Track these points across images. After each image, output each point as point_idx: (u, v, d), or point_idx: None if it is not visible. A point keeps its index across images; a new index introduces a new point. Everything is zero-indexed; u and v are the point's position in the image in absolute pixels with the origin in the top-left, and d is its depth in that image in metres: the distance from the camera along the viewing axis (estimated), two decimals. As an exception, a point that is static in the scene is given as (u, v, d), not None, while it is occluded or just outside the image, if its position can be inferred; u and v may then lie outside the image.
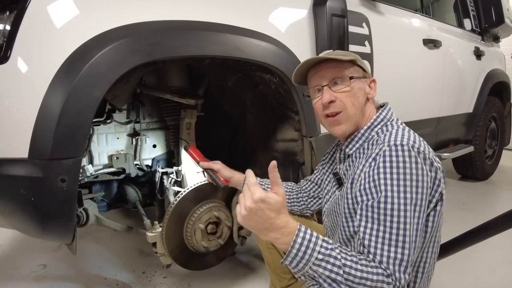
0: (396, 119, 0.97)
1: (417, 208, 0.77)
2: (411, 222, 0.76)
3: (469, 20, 3.04)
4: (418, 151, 0.79)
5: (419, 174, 0.77)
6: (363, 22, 1.76)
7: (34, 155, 0.94)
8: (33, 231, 1.05)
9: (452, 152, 2.70)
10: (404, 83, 2.13)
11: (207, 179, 1.37)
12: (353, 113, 0.94)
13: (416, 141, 0.83)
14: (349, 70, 0.94)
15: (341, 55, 0.93)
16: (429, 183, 0.80)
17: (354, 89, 0.93)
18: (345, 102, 0.93)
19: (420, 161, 0.78)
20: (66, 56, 0.95)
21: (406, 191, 0.76)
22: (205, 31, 1.15)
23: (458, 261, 1.42)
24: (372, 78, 0.99)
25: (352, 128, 0.96)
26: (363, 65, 0.96)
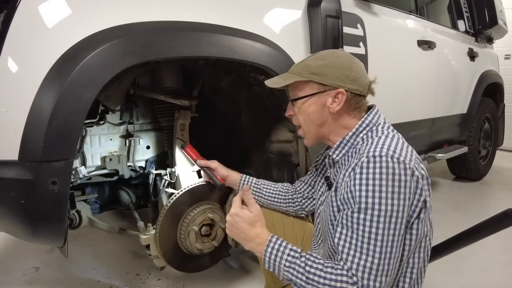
0: (383, 123, 0.94)
1: (392, 219, 0.77)
2: (384, 234, 0.77)
3: (463, 22, 3.06)
4: (398, 161, 0.78)
5: (396, 186, 0.77)
6: (358, 23, 1.76)
7: (24, 157, 0.93)
8: (24, 234, 1.04)
9: (447, 152, 2.72)
10: (398, 84, 2.14)
11: (204, 178, 1.36)
12: (308, 129, 0.98)
13: (397, 150, 0.80)
14: (301, 90, 0.95)
15: (297, 73, 0.94)
16: (409, 194, 0.78)
17: (304, 107, 0.95)
18: (299, 119, 0.98)
19: (399, 172, 0.77)
20: (57, 57, 0.94)
21: (381, 203, 0.77)
22: (199, 32, 1.14)
23: (452, 262, 1.43)
24: (338, 90, 0.91)
25: (316, 141, 1.00)
26: (321, 80, 0.92)
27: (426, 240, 0.89)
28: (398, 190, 0.77)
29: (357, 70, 0.92)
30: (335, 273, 0.77)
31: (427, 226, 0.87)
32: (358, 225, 0.78)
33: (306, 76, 0.93)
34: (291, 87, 0.99)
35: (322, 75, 0.92)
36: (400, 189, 0.77)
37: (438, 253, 1.24)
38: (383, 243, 0.76)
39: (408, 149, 0.83)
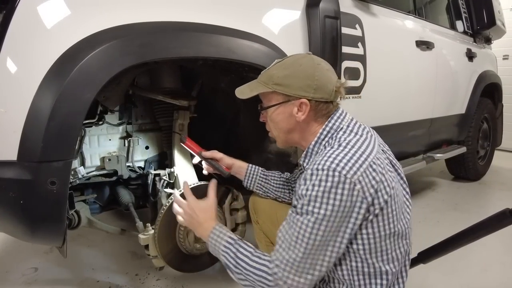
0: (346, 126, 0.94)
1: (321, 227, 0.80)
2: (311, 238, 0.80)
3: (461, 22, 3.06)
4: (339, 174, 0.79)
5: (331, 198, 0.79)
6: (356, 24, 1.76)
7: (23, 157, 0.93)
8: (22, 234, 1.04)
9: (445, 153, 2.72)
10: (397, 85, 2.14)
11: (207, 170, 1.34)
12: (276, 135, 1.03)
13: (342, 162, 0.80)
14: (268, 99, 0.99)
15: (263, 83, 0.97)
16: (344, 206, 0.80)
17: (272, 116, 0.99)
18: (270, 125, 1.04)
19: (336, 185, 0.79)
20: (56, 57, 0.94)
21: (313, 212, 0.80)
22: (197, 32, 1.14)
23: (450, 261, 1.43)
24: (301, 101, 0.92)
25: (287, 145, 1.05)
26: (284, 91, 0.94)
27: (395, 244, 0.90)
28: (332, 202, 0.79)
29: (321, 77, 0.92)
30: (260, 262, 0.86)
31: (386, 227, 0.87)
32: (293, 223, 0.83)
33: (270, 87, 0.95)
34: (261, 96, 1.02)
35: (285, 85, 0.93)
36: (334, 201, 0.79)
37: (436, 252, 1.25)
38: (307, 246, 0.81)
39: (360, 158, 0.82)
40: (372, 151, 0.86)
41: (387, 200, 0.84)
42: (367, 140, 0.90)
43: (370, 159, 0.83)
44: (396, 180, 0.93)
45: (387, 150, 1.01)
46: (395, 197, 0.87)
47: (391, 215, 0.87)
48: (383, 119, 2.07)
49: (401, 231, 0.90)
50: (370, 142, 0.89)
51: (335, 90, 0.94)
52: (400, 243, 0.92)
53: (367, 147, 0.87)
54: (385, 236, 0.87)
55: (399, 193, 0.93)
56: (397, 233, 0.89)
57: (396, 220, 0.88)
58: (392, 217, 0.87)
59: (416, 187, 3.24)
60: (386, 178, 0.85)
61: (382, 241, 0.87)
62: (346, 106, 1.73)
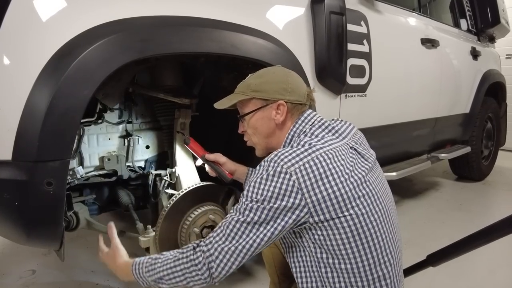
0: (309, 128, 0.96)
1: (255, 210, 0.83)
2: (242, 219, 0.84)
3: (465, 20, 3.03)
4: (277, 165, 0.83)
5: (267, 184, 0.83)
6: (362, 21, 1.73)
7: (18, 157, 0.89)
8: (18, 237, 1.00)
9: (450, 152, 2.69)
10: (402, 83, 2.11)
11: (210, 173, 1.31)
12: (257, 141, 1.06)
13: (283, 155, 0.84)
14: (247, 107, 1.03)
15: (241, 93, 1.02)
16: (278, 194, 0.82)
17: (251, 122, 1.03)
18: (249, 133, 1.06)
19: (273, 173, 0.82)
20: (52, 52, 0.90)
21: (252, 197, 0.84)
22: (200, 27, 1.10)
23: (457, 263, 1.39)
24: (279, 103, 0.98)
25: (266, 151, 1.06)
26: (262, 96, 0.99)
27: (376, 250, 0.87)
28: (267, 188, 0.82)
29: (293, 82, 1.01)
30: (181, 252, 0.88)
31: (365, 237, 0.85)
32: (233, 210, 0.87)
33: (249, 94, 1.01)
34: (239, 106, 1.06)
35: (263, 91, 0.99)
36: (269, 187, 0.82)
37: (446, 255, 1.21)
38: (233, 227, 0.84)
39: (303, 153, 0.84)
40: (322, 148, 0.87)
41: (330, 194, 0.82)
42: (324, 140, 0.91)
43: (314, 154, 0.85)
44: (359, 172, 0.89)
45: (362, 150, 0.98)
46: (345, 192, 0.84)
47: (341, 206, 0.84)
48: (389, 118, 2.03)
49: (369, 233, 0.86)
50: (327, 142, 0.90)
51: (307, 94, 1.02)
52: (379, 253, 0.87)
53: (318, 145, 0.88)
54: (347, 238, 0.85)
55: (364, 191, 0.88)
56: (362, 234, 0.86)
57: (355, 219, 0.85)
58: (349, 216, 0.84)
59: (419, 187, 3.21)
60: (335, 172, 0.84)
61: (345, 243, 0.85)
62: (351, 105, 1.74)
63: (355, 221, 0.85)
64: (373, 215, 0.87)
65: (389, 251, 0.90)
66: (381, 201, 0.91)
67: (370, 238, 0.86)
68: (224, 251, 0.83)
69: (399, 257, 0.96)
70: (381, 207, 0.90)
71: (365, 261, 0.86)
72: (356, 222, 0.85)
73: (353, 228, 0.85)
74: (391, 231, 0.92)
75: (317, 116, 1.01)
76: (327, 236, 0.85)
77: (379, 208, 0.89)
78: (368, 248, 0.86)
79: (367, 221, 0.86)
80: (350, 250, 0.86)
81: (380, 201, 0.91)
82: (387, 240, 0.90)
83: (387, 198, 0.96)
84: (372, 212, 0.87)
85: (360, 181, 0.88)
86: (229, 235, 0.84)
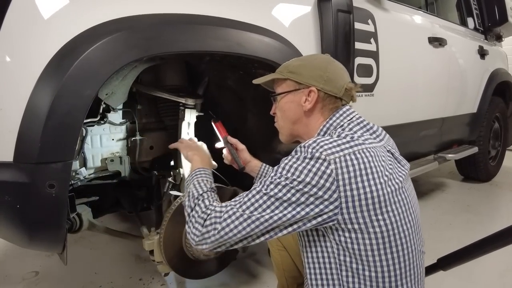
0: (347, 123, 0.90)
1: (282, 189, 0.78)
2: (254, 195, 0.80)
3: (473, 19, 2.99)
4: (316, 151, 0.79)
5: (300, 167, 0.78)
6: (369, 19, 1.70)
7: (19, 159, 0.87)
8: (20, 240, 0.98)
9: (457, 153, 2.65)
10: (409, 82, 2.08)
11: (226, 157, 1.28)
12: (282, 125, 1.03)
13: (323, 142, 0.80)
14: (280, 87, 1.00)
15: (278, 72, 1.00)
16: (311, 179, 0.77)
17: (281, 103, 1.00)
18: (278, 115, 1.03)
19: (310, 158, 0.78)
20: (55, 51, 0.88)
21: (282, 175, 0.79)
22: (205, 25, 1.08)
23: (467, 266, 1.36)
24: (310, 89, 0.93)
25: (290, 138, 1.04)
26: (296, 78, 0.96)
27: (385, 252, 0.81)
28: (301, 170, 0.77)
29: (333, 71, 0.95)
30: (210, 201, 0.88)
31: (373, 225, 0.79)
32: (259, 183, 0.83)
33: (284, 74, 0.98)
34: (275, 85, 1.03)
35: (298, 73, 0.96)
36: (303, 170, 0.77)
37: (458, 259, 1.18)
38: (252, 196, 0.81)
39: (344, 144, 0.80)
40: (364, 144, 0.82)
41: (367, 194, 0.77)
42: (364, 137, 0.86)
43: (357, 148, 0.80)
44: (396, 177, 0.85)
45: (398, 156, 0.94)
46: (383, 194, 0.79)
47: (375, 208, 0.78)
48: (396, 118, 2.00)
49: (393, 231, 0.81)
50: (368, 139, 0.85)
51: (346, 88, 0.94)
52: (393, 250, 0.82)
53: (360, 140, 0.83)
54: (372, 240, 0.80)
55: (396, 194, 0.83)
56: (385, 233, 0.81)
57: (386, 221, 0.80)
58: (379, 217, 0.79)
59: (425, 188, 3.17)
60: (375, 171, 0.79)
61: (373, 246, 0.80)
62: (358, 104, 1.69)
63: (388, 227, 0.80)
64: (406, 224, 0.83)
65: (415, 264, 0.85)
66: (413, 211, 0.86)
67: (400, 248, 0.81)
68: (234, 216, 0.79)
69: (423, 273, 0.91)
70: (413, 218, 0.86)
71: (392, 271, 0.81)
72: (389, 228, 0.80)
73: (385, 234, 0.80)
74: (419, 244, 0.87)
75: (355, 113, 0.94)
76: (355, 239, 0.80)
77: (411, 218, 0.85)
78: (397, 258, 0.81)
79: (400, 229, 0.81)
80: (378, 258, 0.80)
81: (412, 211, 0.86)
82: (414, 253, 0.85)
83: (417, 209, 0.91)
84: (406, 221, 0.83)
85: (398, 186, 0.83)
86: (245, 203, 0.80)
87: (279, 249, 1.26)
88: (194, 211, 0.86)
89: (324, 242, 0.85)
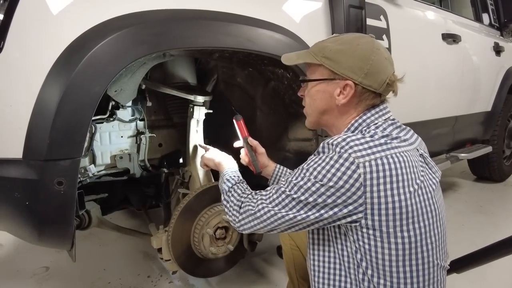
0: (382, 122, 0.83)
1: (305, 190, 0.76)
2: (280, 195, 0.80)
3: (488, 15, 2.91)
4: (345, 152, 0.74)
5: (326, 168, 0.74)
6: (381, 15, 1.66)
7: (28, 155, 0.87)
8: (29, 236, 0.98)
9: (470, 152, 2.58)
10: (422, 80, 2.03)
11: (243, 158, 1.22)
12: (309, 113, 0.95)
13: (353, 142, 0.75)
14: (312, 72, 0.90)
15: (312, 53, 0.88)
16: (336, 183, 0.73)
17: (311, 91, 0.91)
18: (306, 100, 0.95)
19: (337, 159, 0.74)
20: (63, 47, 0.87)
21: (306, 176, 0.77)
22: (215, 21, 1.06)
23: (479, 268, 1.33)
24: (347, 82, 0.82)
25: (316, 126, 0.97)
26: (332, 67, 0.84)
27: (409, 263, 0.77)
28: (325, 172, 0.74)
29: (376, 63, 0.81)
30: (246, 193, 0.92)
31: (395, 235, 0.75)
32: (285, 181, 0.82)
33: (319, 59, 0.86)
34: (307, 66, 0.93)
35: (335, 61, 0.83)
36: (328, 172, 0.74)
37: (472, 262, 1.15)
38: (278, 196, 0.81)
39: (376, 147, 0.75)
40: (398, 148, 0.77)
41: (395, 203, 0.73)
42: (398, 140, 0.79)
43: (389, 152, 0.75)
44: (427, 185, 0.81)
45: (430, 162, 0.89)
46: (411, 204, 0.75)
47: (402, 218, 0.74)
48: (407, 117, 1.96)
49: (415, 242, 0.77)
50: (402, 142, 0.79)
51: (387, 83, 0.82)
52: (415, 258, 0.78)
53: (394, 143, 0.77)
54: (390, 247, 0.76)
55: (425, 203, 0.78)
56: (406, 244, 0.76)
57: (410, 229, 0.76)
58: (402, 224, 0.75)
59: (437, 188, 3.10)
60: (406, 178, 0.75)
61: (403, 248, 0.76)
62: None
63: (411, 239, 0.75)
64: (431, 237, 0.78)
65: (434, 280, 0.80)
66: (441, 224, 0.82)
67: (421, 262, 0.77)
68: (263, 211, 0.82)
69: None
70: (439, 231, 0.81)
71: (409, 284, 0.77)
72: (413, 241, 0.76)
73: (407, 247, 0.75)
74: (442, 259, 0.83)
75: (390, 113, 0.87)
76: (374, 247, 0.76)
77: (438, 231, 0.80)
78: (416, 272, 0.77)
79: (423, 242, 0.77)
80: (396, 269, 0.76)
81: (440, 224, 0.81)
82: (436, 268, 0.80)
83: (445, 221, 0.86)
84: (431, 234, 0.79)
85: (428, 196, 0.78)
86: (274, 200, 0.82)
87: (291, 247, 1.24)
88: (231, 202, 0.92)
89: (345, 241, 0.81)
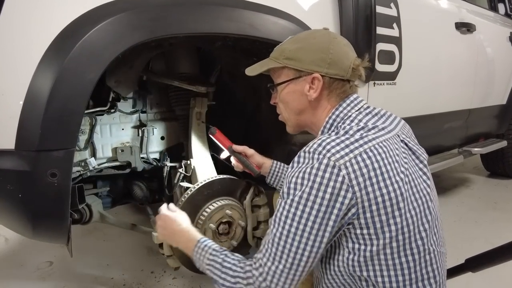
0: (356, 114, 0.83)
1: (300, 211, 0.71)
2: (287, 221, 0.73)
3: (504, 4, 2.82)
4: (324, 157, 0.72)
5: (310, 180, 0.71)
6: (391, 3, 1.60)
7: (21, 146, 0.83)
8: (24, 230, 0.95)
9: (484, 147, 2.50)
10: (434, 71, 1.96)
11: (236, 166, 1.23)
12: (286, 117, 0.94)
13: (329, 145, 0.73)
14: (278, 76, 0.90)
15: (274, 59, 0.89)
16: (324, 192, 0.70)
17: (282, 95, 0.91)
18: (279, 106, 0.94)
19: (318, 167, 0.71)
20: (56, 33, 0.84)
21: (295, 194, 0.73)
22: (217, 5, 1.01)
23: (495, 267, 1.27)
24: (314, 76, 0.83)
25: (298, 129, 0.96)
26: (295, 66, 0.85)
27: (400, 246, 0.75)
28: (311, 184, 0.71)
29: (336, 51, 0.83)
30: (242, 264, 0.79)
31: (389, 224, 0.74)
32: (277, 207, 0.77)
33: (281, 62, 0.87)
34: (271, 73, 0.93)
35: (297, 59, 0.85)
36: (314, 183, 0.71)
37: (488, 261, 1.09)
38: (284, 230, 0.73)
39: (353, 144, 0.73)
40: (376, 139, 0.76)
41: (384, 195, 0.72)
42: (376, 129, 0.79)
43: (367, 146, 0.74)
44: (413, 172, 0.80)
45: (413, 146, 0.87)
46: (401, 193, 0.74)
47: (393, 209, 0.73)
48: (419, 109, 1.89)
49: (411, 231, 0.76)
50: (379, 131, 0.79)
51: (353, 68, 0.84)
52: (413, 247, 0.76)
53: (370, 134, 0.76)
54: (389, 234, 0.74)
55: (414, 190, 0.78)
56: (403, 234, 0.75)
57: (402, 217, 0.74)
58: (394, 212, 0.73)
59: (448, 184, 3.03)
60: (390, 168, 0.73)
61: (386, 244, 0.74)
62: (379, 94, 1.61)
63: (404, 229, 0.74)
64: (423, 224, 0.77)
65: (435, 267, 0.79)
66: (432, 209, 0.81)
67: (416, 250, 0.76)
68: (278, 274, 0.73)
69: (444, 275, 0.84)
70: (432, 216, 0.80)
71: (407, 275, 0.76)
72: (405, 231, 0.74)
73: (400, 237, 0.74)
74: (438, 245, 0.81)
75: (363, 102, 0.87)
76: (369, 246, 0.75)
77: (429, 218, 0.79)
78: (413, 262, 0.76)
79: (416, 230, 0.76)
80: (392, 262, 0.75)
81: (431, 209, 0.80)
82: (433, 254, 0.79)
83: (437, 205, 0.85)
84: (423, 221, 0.77)
85: (415, 183, 0.78)
86: (276, 254, 0.74)
87: None
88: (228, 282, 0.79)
89: (339, 255, 0.79)
